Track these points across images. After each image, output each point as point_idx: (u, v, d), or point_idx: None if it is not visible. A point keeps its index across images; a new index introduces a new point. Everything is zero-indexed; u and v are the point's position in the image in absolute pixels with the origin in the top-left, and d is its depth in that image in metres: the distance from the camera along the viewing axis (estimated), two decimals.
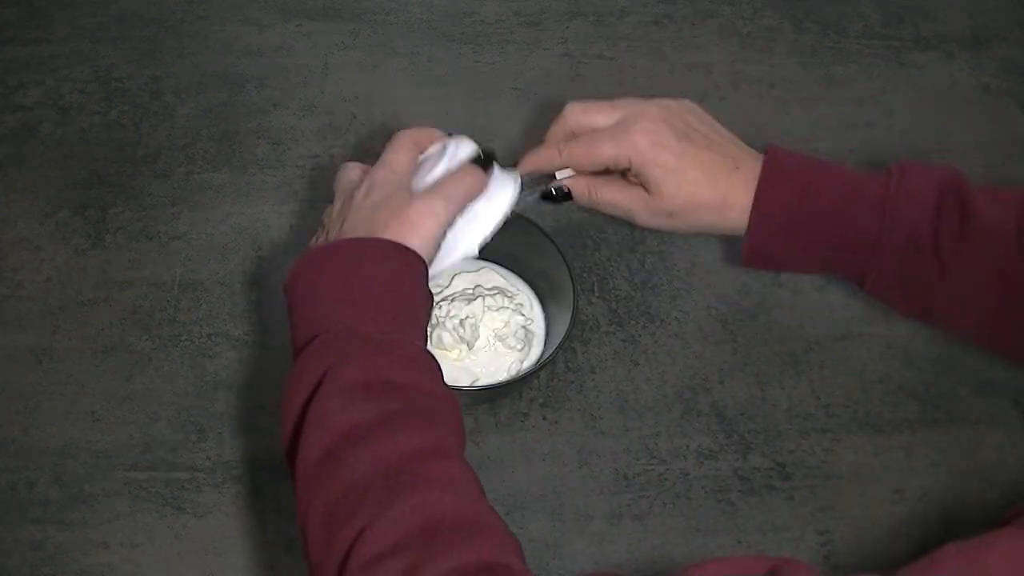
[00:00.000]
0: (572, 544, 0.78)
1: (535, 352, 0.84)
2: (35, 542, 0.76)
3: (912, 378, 0.87)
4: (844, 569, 0.77)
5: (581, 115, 0.76)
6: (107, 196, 0.94)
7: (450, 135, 0.74)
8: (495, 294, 0.84)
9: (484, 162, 0.72)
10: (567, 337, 0.80)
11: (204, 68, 1.04)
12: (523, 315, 0.85)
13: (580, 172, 0.76)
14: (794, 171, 0.72)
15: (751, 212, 0.71)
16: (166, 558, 0.76)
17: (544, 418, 0.84)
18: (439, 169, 0.71)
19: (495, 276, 0.87)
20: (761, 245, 0.73)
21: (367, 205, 0.67)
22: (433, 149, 0.74)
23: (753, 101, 1.04)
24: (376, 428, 0.56)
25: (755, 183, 0.72)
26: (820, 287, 0.92)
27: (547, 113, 0.77)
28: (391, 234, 0.65)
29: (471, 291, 0.85)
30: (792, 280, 0.92)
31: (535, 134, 0.78)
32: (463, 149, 0.72)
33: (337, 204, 0.70)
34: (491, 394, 0.83)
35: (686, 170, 0.72)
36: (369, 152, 0.98)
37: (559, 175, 0.77)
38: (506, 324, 0.84)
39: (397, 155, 0.70)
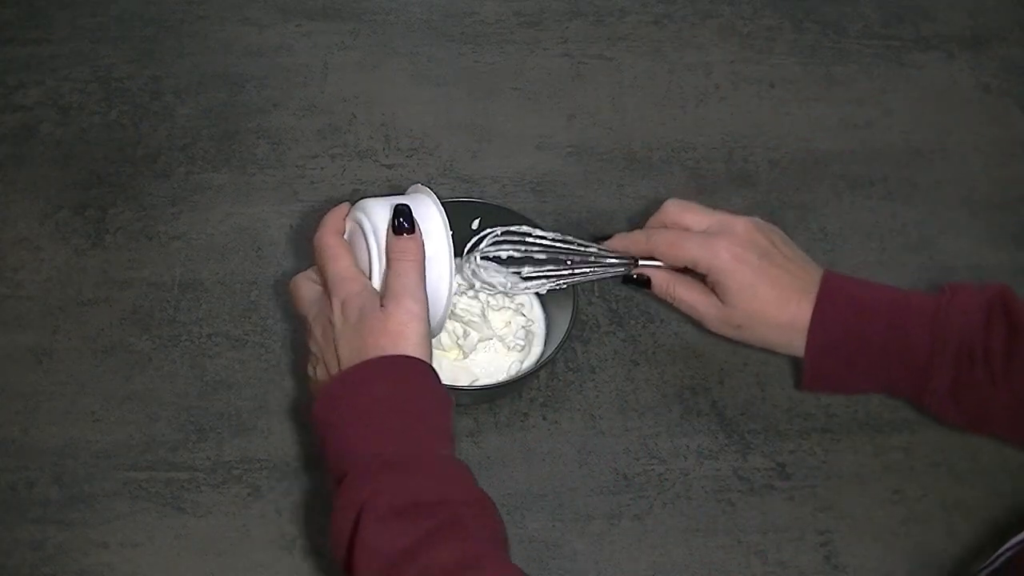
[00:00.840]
0: (572, 544, 0.78)
1: (535, 352, 0.84)
2: (35, 542, 0.76)
3: None
4: (844, 569, 0.77)
5: (677, 212, 0.81)
6: (107, 196, 0.94)
7: (353, 203, 0.75)
8: (495, 293, 0.84)
9: (402, 221, 0.71)
10: (567, 337, 0.80)
11: (204, 68, 1.04)
12: (524, 315, 0.85)
13: (663, 265, 0.81)
14: (848, 292, 0.76)
15: (808, 332, 0.75)
16: (166, 558, 0.76)
17: (544, 418, 0.84)
18: (374, 256, 0.72)
19: None
20: (819, 365, 0.76)
21: (349, 330, 0.69)
22: (349, 227, 0.75)
23: (753, 101, 1.04)
24: (418, 549, 0.60)
25: None
26: None
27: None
28: (388, 349, 0.67)
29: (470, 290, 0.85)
30: None
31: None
32: (376, 217, 0.73)
33: (317, 330, 0.71)
34: (491, 394, 0.83)
35: (760, 287, 0.77)
36: (368, 153, 0.98)
37: (643, 263, 0.82)
38: (507, 324, 0.84)
39: (340, 263, 0.72)
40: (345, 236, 0.75)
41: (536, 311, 0.86)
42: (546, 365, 0.81)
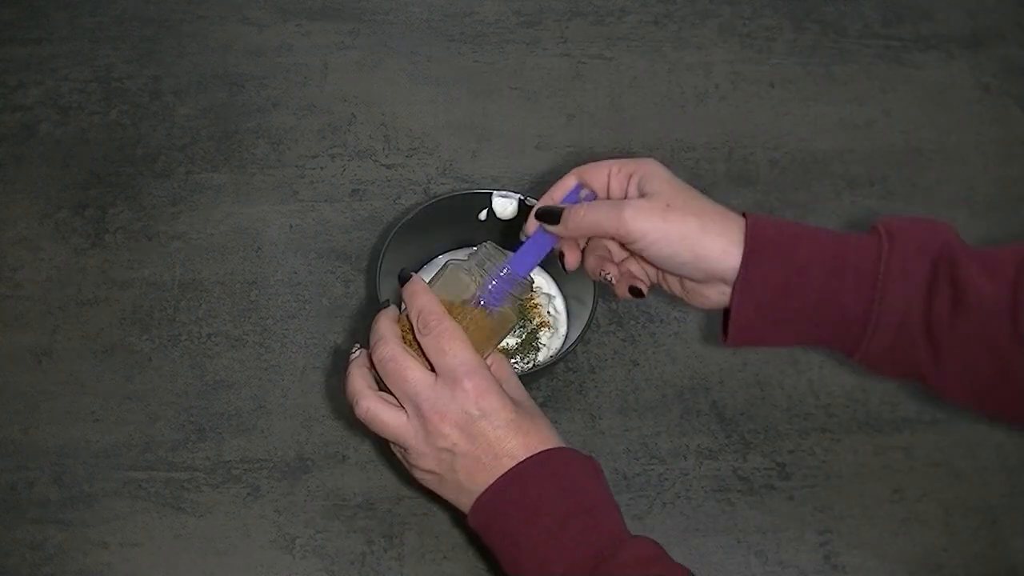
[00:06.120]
0: None
1: (555, 343, 0.85)
2: (35, 542, 0.76)
3: None
4: (844, 569, 0.77)
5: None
6: (107, 196, 0.94)
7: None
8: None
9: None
10: (588, 326, 0.80)
11: (204, 68, 1.04)
12: (553, 303, 0.87)
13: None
14: (778, 243, 0.67)
15: (735, 290, 0.67)
16: (166, 558, 0.76)
17: None
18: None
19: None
20: (747, 324, 0.68)
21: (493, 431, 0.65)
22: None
23: (753, 101, 1.04)
24: None
25: (737, 246, 0.67)
26: None
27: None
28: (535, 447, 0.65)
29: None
30: None
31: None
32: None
33: (448, 430, 0.65)
34: (536, 375, 0.83)
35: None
36: (368, 153, 0.98)
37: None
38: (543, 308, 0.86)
39: (462, 352, 0.66)
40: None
41: (559, 303, 0.88)
42: (575, 347, 0.81)
